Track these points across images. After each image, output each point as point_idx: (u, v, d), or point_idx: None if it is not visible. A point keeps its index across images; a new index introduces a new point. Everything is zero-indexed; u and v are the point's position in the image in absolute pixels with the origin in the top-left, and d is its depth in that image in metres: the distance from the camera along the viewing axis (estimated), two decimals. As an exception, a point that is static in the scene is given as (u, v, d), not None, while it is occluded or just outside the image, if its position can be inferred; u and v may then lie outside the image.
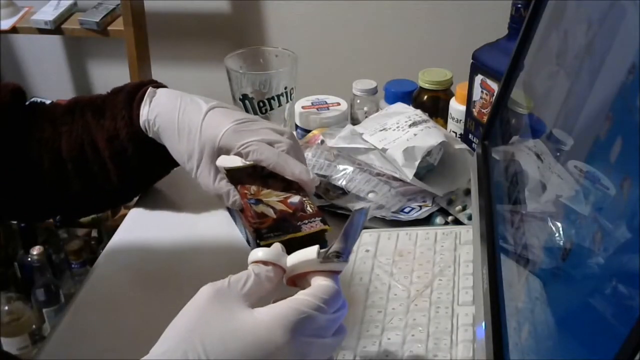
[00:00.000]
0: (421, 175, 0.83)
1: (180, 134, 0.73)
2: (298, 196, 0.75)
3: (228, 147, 0.72)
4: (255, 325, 0.46)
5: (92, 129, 0.76)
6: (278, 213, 0.72)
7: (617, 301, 0.36)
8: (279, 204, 0.74)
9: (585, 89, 0.51)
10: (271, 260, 0.50)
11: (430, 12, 1.80)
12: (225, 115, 0.73)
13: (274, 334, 0.45)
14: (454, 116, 0.93)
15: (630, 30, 0.43)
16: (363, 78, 1.01)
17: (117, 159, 0.76)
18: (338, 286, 0.49)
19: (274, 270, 0.50)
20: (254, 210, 0.72)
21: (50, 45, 2.08)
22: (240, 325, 0.45)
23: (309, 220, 0.71)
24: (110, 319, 0.70)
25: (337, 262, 0.50)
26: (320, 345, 0.47)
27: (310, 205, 0.74)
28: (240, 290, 0.48)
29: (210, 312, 0.46)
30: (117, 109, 0.76)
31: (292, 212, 0.73)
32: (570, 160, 0.49)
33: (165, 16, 1.95)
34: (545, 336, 0.45)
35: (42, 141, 0.75)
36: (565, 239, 0.47)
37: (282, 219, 0.72)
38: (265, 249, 0.50)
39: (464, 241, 0.72)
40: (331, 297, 0.48)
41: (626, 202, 0.37)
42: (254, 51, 0.93)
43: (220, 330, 0.45)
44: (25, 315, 1.65)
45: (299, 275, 0.50)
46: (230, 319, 0.46)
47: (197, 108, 0.74)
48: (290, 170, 0.73)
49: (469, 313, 0.62)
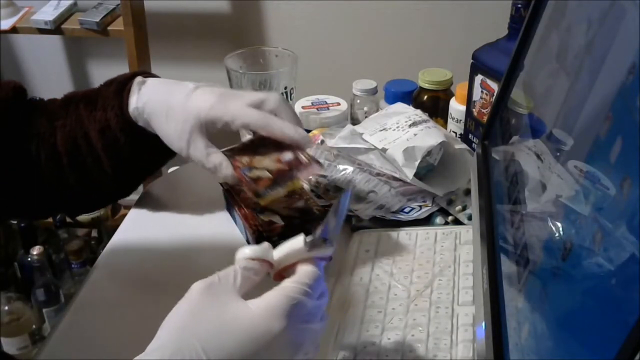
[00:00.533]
0: (421, 175, 0.83)
1: (168, 114, 0.72)
2: (302, 200, 0.74)
3: (214, 119, 0.71)
4: (251, 317, 0.46)
5: (84, 121, 0.75)
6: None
7: (617, 301, 0.36)
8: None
9: (585, 89, 0.51)
10: (258, 256, 0.50)
11: (430, 12, 1.80)
12: (210, 91, 0.73)
13: (270, 324, 0.46)
14: (454, 116, 0.93)
15: (630, 30, 0.43)
16: (363, 78, 1.01)
17: (110, 150, 0.75)
18: (321, 272, 0.50)
19: (260, 264, 0.50)
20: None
21: (50, 45, 2.08)
22: (235, 317, 0.46)
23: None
24: (110, 319, 0.70)
25: (325, 246, 0.50)
26: (311, 331, 0.48)
27: (315, 207, 0.74)
28: (232, 285, 0.48)
29: (203, 306, 0.46)
30: (108, 100, 0.76)
31: (298, 216, 0.73)
32: (570, 160, 0.49)
33: (165, 16, 1.95)
34: (545, 336, 0.45)
35: (39, 136, 0.75)
36: (565, 239, 0.47)
37: (290, 225, 0.72)
38: (252, 246, 0.51)
39: (464, 241, 0.72)
40: (314, 281, 0.49)
41: (626, 202, 0.37)
42: (254, 51, 0.94)
43: (215, 323, 0.45)
44: (25, 315, 1.65)
45: (286, 268, 0.51)
46: (224, 312, 0.46)
47: (184, 89, 0.74)
48: (278, 129, 0.71)
49: (469, 313, 0.62)
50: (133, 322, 0.68)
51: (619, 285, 0.37)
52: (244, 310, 0.46)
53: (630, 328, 0.31)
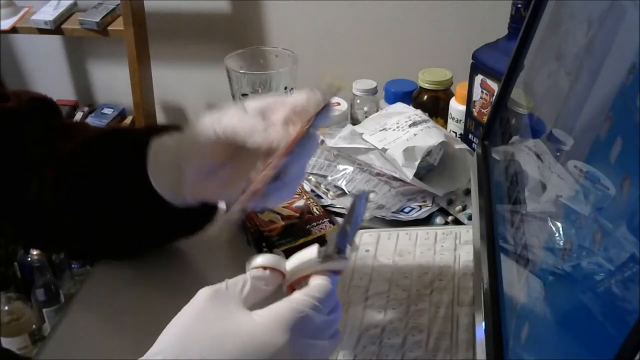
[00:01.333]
0: (421, 175, 0.83)
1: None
2: (302, 200, 0.75)
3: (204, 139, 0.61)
4: (254, 327, 0.45)
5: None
6: (285, 219, 0.72)
7: (617, 301, 0.36)
8: (284, 209, 0.74)
9: (585, 89, 0.51)
10: (270, 265, 0.49)
11: (430, 12, 1.80)
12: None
13: (273, 336, 0.44)
14: (454, 116, 0.93)
15: (630, 30, 0.43)
16: (363, 78, 1.01)
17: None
18: (334, 286, 0.48)
19: (272, 275, 0.49)
20: (260, 218, 0.73)
21: (50, 45, 2.08)
22: (239, 327, 0.45)
23: (317, 222, 0.72)
24: (110, 319, 0.70)
25: (338, 258, 0.49)
26: (318, 348, 0.47)
27: (315, 207, 0.74)
28: (239, 293, 0.47)
29: (208, 314, 0.45)
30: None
31: (299, 215, 0.73)
32: (570, 160, 0.49)
33: (165, 16, 1.95)
34: (545, 336, 0.45)
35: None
36: (565, 239, 0.47)
37: (291, 225, 0.72)
38: (265, 255, 0.50)
39: (464, 241, 0.72)
40: (326, 295, 0.47)
41: (626, 202, 0.37)
42: (254, 51, 0.93)
43: (218, 331, 0.45)
44: (25, 315, 1.65)
45: (299, 280, 0.49)
46: (228, 321, 0.45)
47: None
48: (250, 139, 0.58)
49: (469, 313, 0.62)
50: (133, 322, 0.68)
51: (619, 285, 0.37)
52: (247, 320, 0.45)
53: (630, 328, 0.31)
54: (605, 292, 0.38)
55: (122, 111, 2.04)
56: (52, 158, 0.67)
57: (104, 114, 2.01)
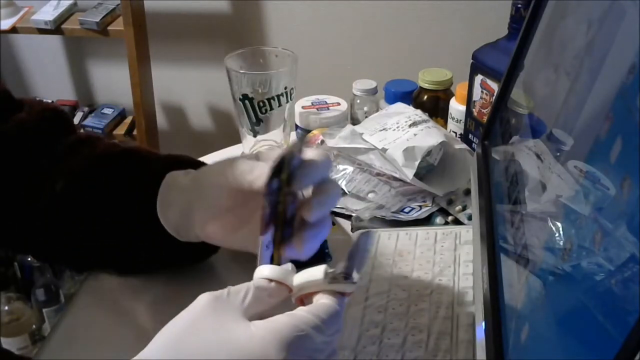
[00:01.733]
0: (421, 175, 0.83)
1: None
2: None
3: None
4: (249, 340, 0.43)
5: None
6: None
7: (617, 301, 0.36)
8: None
9: (585, 89, 0.51)
10: (277, 278, 0.48)
11: (430, 12, 1.80)
12: None
13: (267, 350, 0.43)
14: (454, 116, 0.93)
15: (630, 30, 0.43)
16: (363, 78, 1.01)
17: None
18: (341, 308, 0.46)
19: (278, 287, 0.48)
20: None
21: (50, 45, 2.08)
22: (232, 337, 0.43)
23: None
24: (110, 319, 0.70)
25: (345, 283, 0.47)
26: None
27: None
28: (241, 303, 0.46)
29: (204, 321, 0.44)
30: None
31: None
32: (570, 160, 0.49)
33: (165, 16, 1.95)
34: (545, 336, 0.45)
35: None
36: (565, 239, 0.47)
37: None
38: (273, 267, 0.48)
39: (464, 241, 0.72)
40: (331, 317, 0.45)
41: (626, 202, 0.37)
42: (254, 51, 0.93)
43: (211, 340, 0.43)
44: (25, 315, 1.65)
45: (307, 295, 0.48)
46: (222, 330, 0.44)
47: None
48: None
49: (469, 313, 0.62)
50: (133, 322, 0.68)
51: (619, 285, 0.37)
52: (243, 331, 0.44)
53: (630, 328, 0.31)
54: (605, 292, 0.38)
55: (122, 111, 2.04)
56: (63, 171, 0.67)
57: (104, 114, 2.01)
